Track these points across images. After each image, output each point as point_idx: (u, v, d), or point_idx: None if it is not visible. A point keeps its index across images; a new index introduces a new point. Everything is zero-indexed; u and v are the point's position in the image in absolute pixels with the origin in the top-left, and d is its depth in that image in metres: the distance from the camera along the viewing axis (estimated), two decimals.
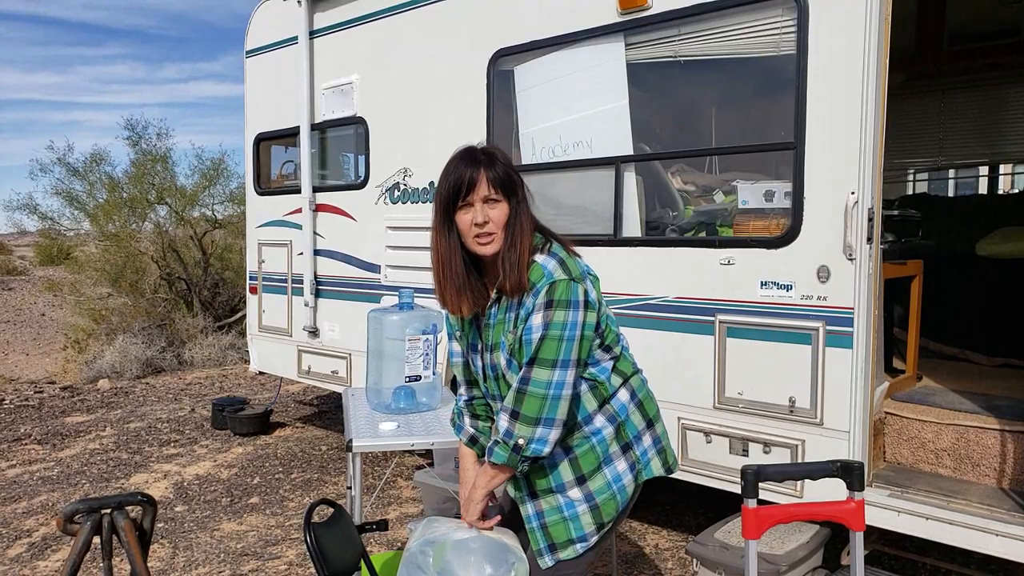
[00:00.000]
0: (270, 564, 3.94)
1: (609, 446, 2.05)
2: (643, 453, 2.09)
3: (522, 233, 1.99)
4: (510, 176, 2.02)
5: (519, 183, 2.05)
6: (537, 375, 1.90)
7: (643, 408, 2.12)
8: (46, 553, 4.14)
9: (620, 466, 2.05)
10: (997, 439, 3.14)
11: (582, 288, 1.94)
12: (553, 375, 1.89)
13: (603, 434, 2.04)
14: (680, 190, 3.81)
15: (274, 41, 5.72)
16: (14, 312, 16.76)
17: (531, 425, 1.90)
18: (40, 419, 7.18)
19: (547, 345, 1.90)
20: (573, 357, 1.91)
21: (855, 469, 1.99)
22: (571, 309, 1.91)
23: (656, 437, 2.13)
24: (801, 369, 3.20)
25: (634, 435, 2.08)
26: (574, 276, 1.95)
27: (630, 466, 2.06)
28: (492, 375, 2.10)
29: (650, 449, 2.10)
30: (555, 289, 1.91)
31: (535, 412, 1.90)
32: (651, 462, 2.10)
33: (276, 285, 5.85)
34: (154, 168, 11.06)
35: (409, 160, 4.80)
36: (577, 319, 1.91)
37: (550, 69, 4.03)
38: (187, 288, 10.98)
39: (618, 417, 2.06)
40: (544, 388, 1.89)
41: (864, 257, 3.04)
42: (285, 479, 5.29)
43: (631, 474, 2.06)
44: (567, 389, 1.91)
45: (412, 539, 2.10)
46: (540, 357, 1.90)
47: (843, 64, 3.05)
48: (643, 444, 2.09)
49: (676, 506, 4.56)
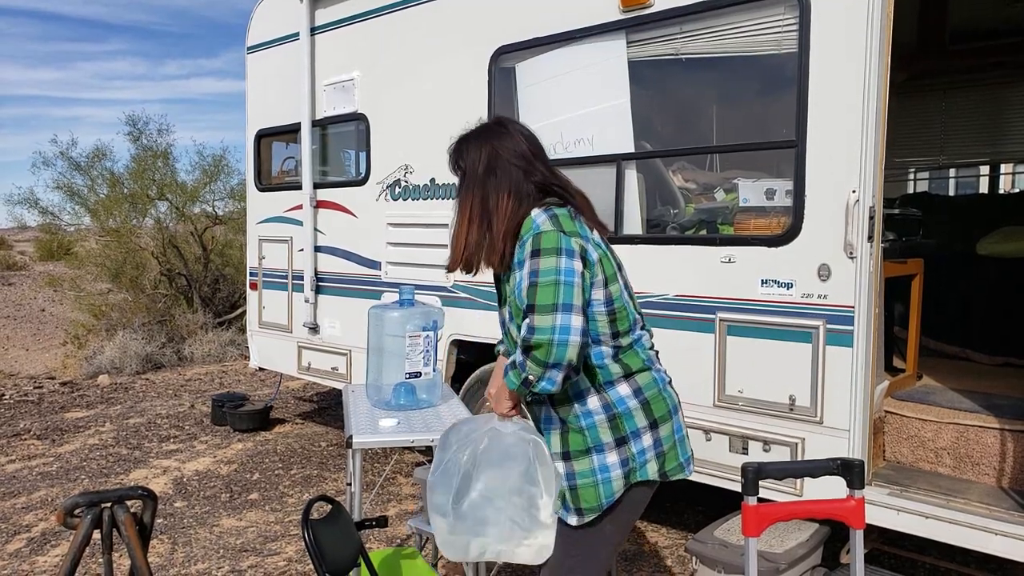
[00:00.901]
0: (269, 560, 3.95)
1: (601, 434, 2.02)
2: (640, 452, 2.03)
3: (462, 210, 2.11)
4: (458, 161, 2.16)
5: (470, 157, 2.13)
6: (539, 322, 1.89)
7: (648, 407, 2.05)
8: (45, 548, 4.14)
9: (611, 458, 2.02)
10: (997, 438, 3.14)
11: (577, 242, 1.95)
12: (556, 320, 1.88)
13: (594, 419, 2.03)
14: (681, 188, 3.81)
15: (275, 37, 5.71)
16: (14, 307, 16.77)
17: (541, 367, 1.90)
18: (40, 414, 7.18)
19: (542, 291, 1.90)
20: (574, 302, 1.90)
21: (855, 467, 1.98)
22: (562, 256, 1.92)
23: (659, 439, 2.05)
24: (801, 367, 3.20)
25: (632, 431, 2.03)
26: (566, 231, 1.96)
27: (622, 461, 2.02)
28: (503, 329, 2.20)
29: (649, 450, 2.04)
30: (540, 239, 1.94)
31: (543, 356, 1.89)
32: (648, 464, 2.03)
33: (276, 281, 5.85)
34: (155, 164, 11.06)
35: (410, 157, 4.79)
36: (571, 266, 1.92)
37: (552, 66, 4.03)
38: (187, 284, 10.98)
39: (614, 408, 2.03)
40: (549, 334, 1.88)
41: (865, 256, 3.04)
42: (285, 475, 5.29)
43: (621, 469, 2.01)
44: (574, 335, 1.88)
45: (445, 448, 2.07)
46: (538, 304, 1.90)
47: (845, 62, 3.04)
48: (642, 443, 2.03)
49: (675, 504, 4.57)
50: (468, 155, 2.15)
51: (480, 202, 2.10)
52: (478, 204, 2.10)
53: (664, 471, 2.06)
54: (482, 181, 2.10)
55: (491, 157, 2.12)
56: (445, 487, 2.01)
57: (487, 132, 2.21)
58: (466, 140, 2.21)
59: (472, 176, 2.12)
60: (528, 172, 2.11)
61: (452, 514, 1.99)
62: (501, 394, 2.07)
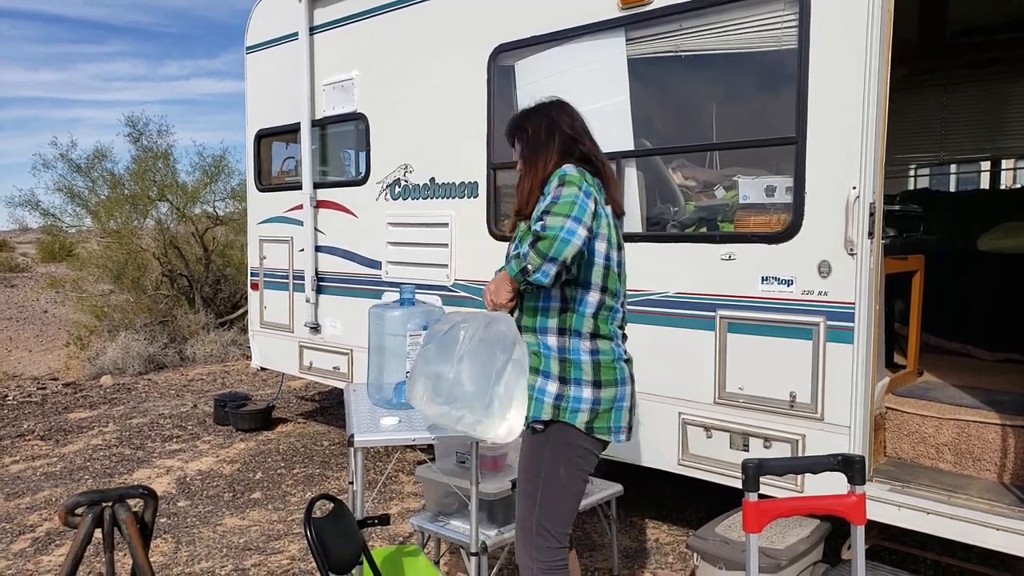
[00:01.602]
0: (272, 559, 3.96)
1: (552, 365, 2.33)
2: (575, 399, 2.31)
3: (527, 171, 2.45)
4: (522, 122, 2.53)
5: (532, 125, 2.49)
6: (552, 221, 2.17)
7: (598, 368, 2.32)
8: (49, 548, 4.15)
9: (550, 387, 2.33)
10: (998, 434, 3.14)
11: (594, 192, 2.28)
12: (566, 223, 2.16)
13: (551, 352, 2.33)
14: (681, 185, 3.81)
15: (274, 37, 5.72)
16: (17, 309, 16.79)
17: (541, 258, 2.17)
18: (43, 415, 7.20)
19: (560, 205, 2.19)
20: (584, 219, 2.19)
21: (856, 462, 1.99)
22: (582, 192, 2.23)
23: (597, 399, 2.32)
24: (802, 364, 3.20)
25: (575, 378, 2.31)
26: (589, 182, 2.29)
27: (556, 396, 2.32)
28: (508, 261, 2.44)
29: (585, 402, 2.31)
30: (566, 177, 2.26)
31: (546, 249, 2.15)
32: (579, 412, 2.31)
33: (277, 281, 5.86)
34: (155, 165, 11.07)
35: (410, 156, 4.80)
36: (587, 201, 2.22)
37: (551, 64, 4.03)
38: (189, 285, 11.00)
39: (568, 353, 2.33)
40: (557, 231, 2.15)
41: (865, 252, 3.04)
42: (287, 474, 5.30)
43: (552, 400, 2.32)
44: (576, 239, 2.16)
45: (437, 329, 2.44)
46: (554, 210, 2.19)
47: (845, 58, 3.04)
48: (580, 392, 2.31)
49: (676, 500, 4.57)
50: (531, 122, 2.51)
51: (541, 162, 2.42)
52: (541, 164, 2.42)
53: (592, 426, 2.32)
54: (544, 142, 2.44)
55: (550, 123, 2.47)
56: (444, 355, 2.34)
57: (548, 105, 2.57)
58: (529, 111, 2.58)
59: (536, 138, 2.47)
60: (576, 140, 2.46)
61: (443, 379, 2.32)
62: (501, 286, 2.35)
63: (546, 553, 2.35)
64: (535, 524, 2.35)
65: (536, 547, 2.36)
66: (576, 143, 2.46)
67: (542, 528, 2.35)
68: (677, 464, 3.62)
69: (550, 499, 2.35)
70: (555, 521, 2.36)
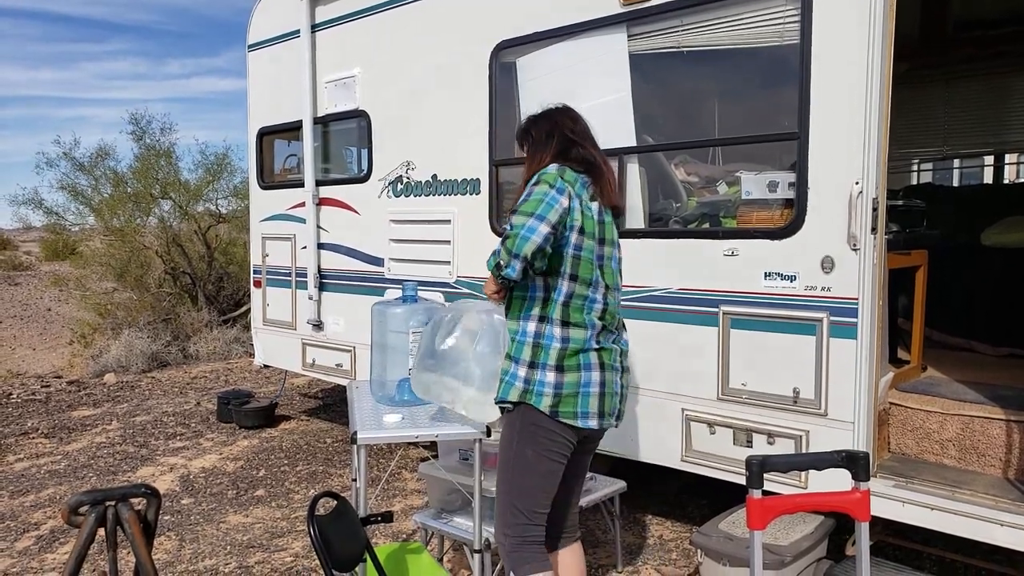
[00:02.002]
0: (276, 556, 3.96)
1: (524, 351, 2.47)
2: (540, 382, 2.43)
3: (527, 170, 2.58)
4: (528, 127, 2.68)
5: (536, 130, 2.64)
6: (516, 220, 2.35)
7: (565, 355, 2.44)
8: (54, 546, 4.16)
9: (520, 372, 2.47)
10: (1002, 429, 3.14)
11: (568, 188, 2.42)
12: (528, 221, 2.32)
13: (526, 340, 2.47)
14: (683, 181, 3.80)
15: (276, 35, 5.71)
16: (21, 307, 16.83)
17: (508, 255, 2.35)
18: (47, 413, 7.21)
19: (528, 204, 2.36)
20: (549, 216, 2.33)
21: (860, 459, 1.98)
22: (553, 189, 2.38)
23: (561, 383, 2.43)
24: (805, 360, 3.19)
25: (543, 363, 2.44)
26: (565, 179, 2.44)
27: (525, 380, 2.45)
28: None
29: (548, 386, 2.43)
30: (543, 176, 2.43)
31: (511, 246, 2.34)
32: (543, 396, 2.43)
33: (280, 279, 5.86)
34: (158, 163, 11.07)
35: (412, 153, 4.79)
36: (558, 197, 2.37)
37: (552, 61, 4.02)
38: (192, 282, 11.01)
39: (541, 340, 2.46)
40: (519, 229, 2.32)
41: (868, 247, 3.03)
42: (291, 472, 5.31)
43: (521, 385, 2.45)
44: (536, 236, 2.31)
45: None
46: (520, 209, 2.37)
47: (847, 53, 3.03)
48: (546, 376, 2.43)
49: (680, 497, 4.57)
50: (536, 126, 2.66)
51: (537, 162, 2.56)
52: (537, 164, 2.56)
53: (556, 411, 2.43)
54: (543, 144, 2.59)
55: (551, 127, 2.61)
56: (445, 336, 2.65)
57: (553, 111, 2.71)
58: (535, 117, 2.71)
59: (537, 141, 2.62)
60: (576, 143, 2.58)
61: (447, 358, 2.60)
62: (490, 280, 2.52)
63: (515, 529, 2.48)
64: (506, 501, 2.50)
65: (507, 523, 2.50)
66: (575, 145, 2.57)
67: (512, 506, 2.49)
68: (680, 460, 3.62)
69: (518, 479, 2.49)
70: (524, 499, 2.48)
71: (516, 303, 2.53)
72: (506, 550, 2.51)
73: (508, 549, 2.50)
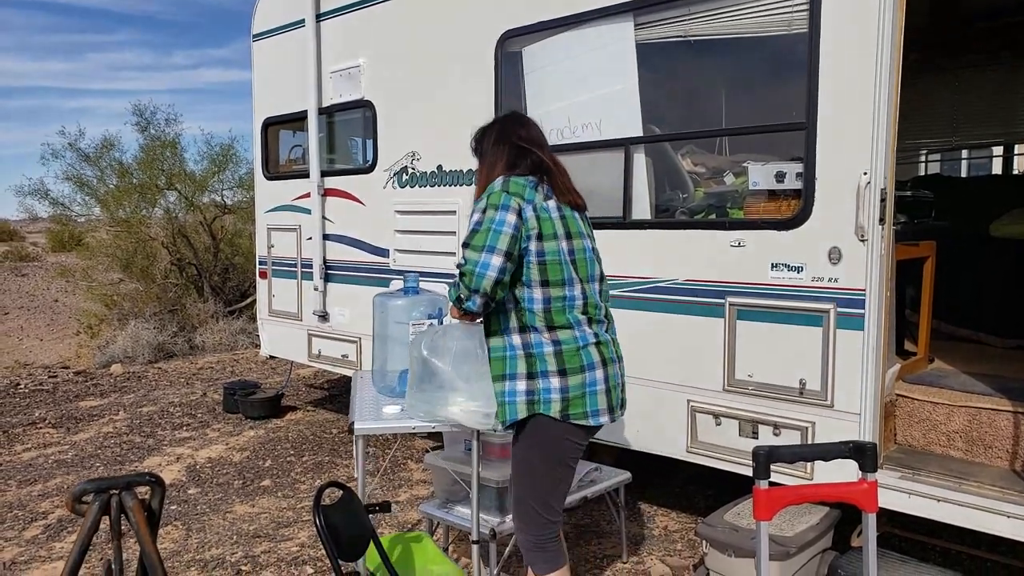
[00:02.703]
0: (282, 546, 3.97)
1: (517, 365, 2.45)
2: (545, 390, 2.41)
3: (478, 178, 2.64)
4: (479, 136, 2.69)
5: (485, 138, 2.65)
6: (469, 255, 2.38)
7: (562, 357, 2.42)
8: (62, 535, 4.18)
9: (520, 386, 2.44)
10: (1010, 421, 3.12)
11: (515, 200, 2.41)
12: (480, 257, 2.36)
13: (516, 353, 2.45)
14: (690, 172, 3.78)
15: (281, 24, 5.70)
16: (28, 298, 16.89)
17: (467, 290, 2.39)
18: (54, 403, 7.25)
19: (478, 235, 2.39)
20: (499, 246, 2.35)
21: (868, 450, 1.97)
22: (500, 210, 2.39)
23: (566, 386, 2.41)
24: (812, 351, 3.18)
25: (541, 371, 2.42)
26: (511, 191, 2.43)
27: (527, 391, 2.43)
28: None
29: (554, 392, 2.41)
30: (490, 197, 2.44)
31: (468, 283, 2.38)
32: (551, 403, 2.41)
33: (286, 270, 5.87)
34: (163, 154, 11.07)
35: (417, 143, 4.78)
36: (505, 218, 2.38)
37: (558, 50, 4.00)
38: (197, 273, 11.02)
39: (531, 348, 2.44)
40: (473, 266, 2.36)
41: (876, 238, 3.01)
42: (297, 462, 5.32)
43: (525, 398, 2.43)
44: (492, 271, 2.34)
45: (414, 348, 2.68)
46: (471, 243, 2.39)
47: (856, 43, 3.00)
48: (549, 383, 2.41)
49: (685, 488, 4.57)
50: (485, 135, 2.68)
51: (487, 169, 2.60)
52: (485, 170, 2.60)
53: (567, 414, 2.42)
54: (490, 152, 2.60)
55: (499, 134, 2.62)
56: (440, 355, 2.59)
57: (502, 118, 2.75)
58: (484, 126, 2.72)
59: (486, 149, 2.63)
60: (527, 149, 2.56)
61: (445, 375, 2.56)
62: (453, 309, 2.55)
63: (535, 528, 2.52)
64: (524, 504, 2.53)
65: (526, 524, 2.53)
66: (526, 153, 2.55)
67: (531, 507, 2.52)
68: (686, 451, 3.61)
69: (536, 484, 2.51)
70: (541, 502, 2.51)
71: (495, 319, 2.52)
72: (527, 548, 2.54)
73: (529, 547, 2.53)
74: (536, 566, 2.52)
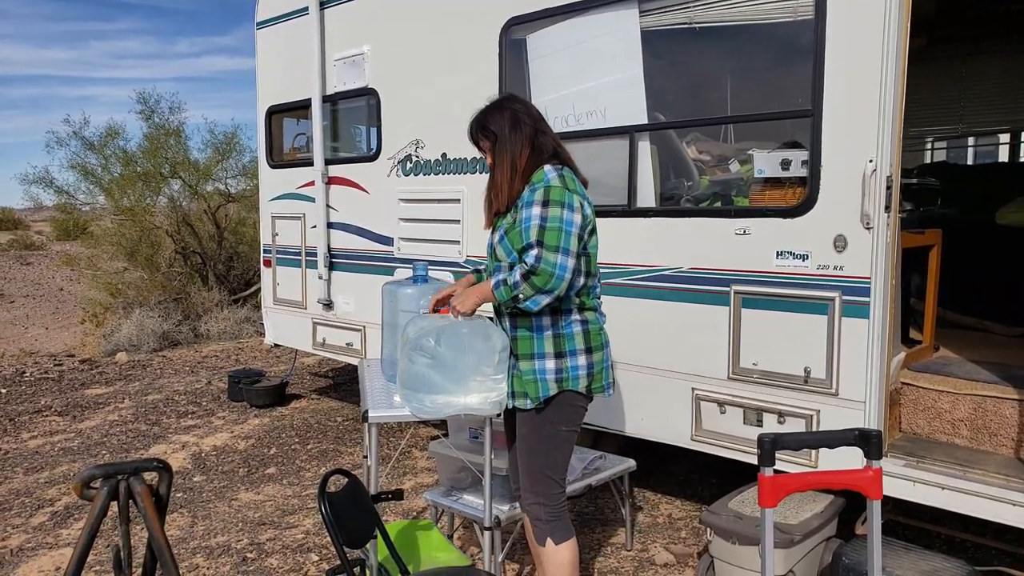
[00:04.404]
0: (287, 533, 4.00)
1: (546, 345, 2.53)
2: (573, 367, 2.53)
3: (498, 165, 2.57)
4: (485, 123, 2.62)
5: (498, 124, 2.58)
6: (547, 256, 2.37)
7: (588, 336, 2.56)
8: (68, 522, 4.21)
9: (548, 364, 2.53)
10: (1015, 409, 3.12)
11: (576, 199, 2.45)
12: (558, 258, 2.37)
13: (544, 334, 2.53)
14: (695, 159, 3.77)
15: (285, 12, 5.67)
16: (33, 287, 16.94)
17: (534, 290, 2.39)
18: (60, 391, 7.28)
19: (549, 233, 2.38)
20: (572, 248, 2.40)
21: (873, 437, 1.97)
22: (566, 209, 2.40)
23: (591, 363, 2.56)
24: (817, 339, 3.18)
25: (570, 350, 2.53)
26: (569, 188, 2.45)
27: (556, 370, 2.53)
28: (490, 252, 2.67)
29: (582, 368, 2.54)
30: (551, 191, 2.43)
31: (540, 283, 2.37)
32: (579, 378, 2.54)
33: (290, 258, 5.87)
34: (167, 142, 11.06)
35: (421, 131, 4.77)
36: (573, 219, 2.41)
37: (563, 37, 3.98)
38: (202, 262, 11.04)
39: (561, 329, 2.53)
40: (552, 267, 2.36)
41: (882, 226, 3.00)
42: (301, 450, 5.34)
43: (555, 375, 2.52)
44: (568, 272, 2.39)
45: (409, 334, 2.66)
46: (547, 243, 2.37)
47: (862, 29, 2.98)
48: (576, 360, 2.53)
49: (689, 476, 4.58)
50: (494, 121, 2.61)
51: (511, 155, 2.55)
52: (510, 157, 2.55)
53: (590, 387, 2.58)
54: (509, 138, 2.56)
55: (512, 117, 2.59)
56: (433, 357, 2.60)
57: (503, 100, 2.71)
58: (487, 111, 2.65)
59: (502, 136, 2.57)
60: (539, 130, 2.59)
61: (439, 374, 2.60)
62: (469, 296, 2.58)
63: (552, 498, 2.60)
64: (541, 475, 2.59)
65: (542, 494, 2.59)
66: (539, 133, 2.59)
67: (548, 477, 2.59)
68: (690, 440, 3.62)
69: (554, 452, 2.60)
70: (558, 470, 2.61)
71: None
72: (546, 520, 2.60)
73: (547, 518, 2.59)
74: (556, 535, 2.59)
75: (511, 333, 2.59)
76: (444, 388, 2.63)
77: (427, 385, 2.64)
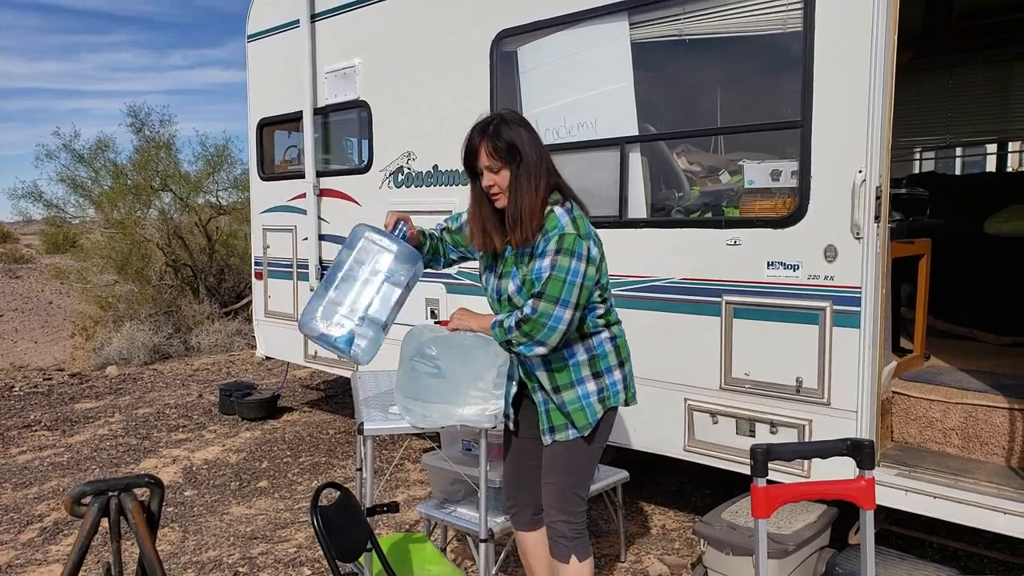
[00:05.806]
0: (279, 547, 3.97)
1: (583, 369, 2.50)
2: (612, 384, 2.54)
3: (522, 194, 2.40)
4: (512, 144, 2.40)
5: (524, 148, 2.40)
6: (543, 308, 2.32)
7: (618, 350, 2.57)
8: (57, 538, 4.17)
9: (590, 387, 2.51)
10: (1006, 417, 3.13)
11: (587, 245, 2.38)
12: (554, 310, 2.32)
13: (578, 359, 2.50)
14: (686, 171, 3.79)
15: (276, 25, 5.69)
16: (22, 300, 16.83)
17: (527, 339, 2.36)
18: (50, 406, 7.22)
19: (552, 284, 2.32)
20: (573, 300, 2.33)
21: (865, 447, 1.98)
22: (575, 259, 2.34)
23: (625, 376, 2.58)
24: (808, 349, 3.19)
25: (606, 367, 2.53)
26: (581, 234, 2.38)
27: (598, 390, 2.51)
28: (495, 297, 2.58)
29: (619, 383, 2.56)
30: (564, 240, 2.35)
31: (534, 333, 2.34)
32: (618, 393, 2.55)
33: (281, 270, 5.86)
34: (158, 155, 11.04)
35: (412, 143, 4.78)
36: (580, 268, 2.34)
37: (553, 49, 4.00)
38: (193, 275, 11.00)
39: (595, 350, 2.52)
40: (546, 319, 2.32)
41: (872, 236, 3.02)
42: (293, 463, 5.31)
43: (598, 395, 2.51)
44: (563, 324, 2.33)
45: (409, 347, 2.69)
46: (547, 293, 2.33)
47: (851, 41, 3.01)
48: (613, 377, 2.54)
49: (682, 487, 4.57)
50: (520, 137, 2.42)
51: (535, 180, 2.40)
52: (534, 182, 2.40)
53: (626, 399, 2.59)
54: (536, 164, 2.42)
55: (534, 143, 2.45)
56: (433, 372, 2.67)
57: (518, 118, 2.51)
58: (509, 125, 2.43)
59: (528, 159, 2.41)
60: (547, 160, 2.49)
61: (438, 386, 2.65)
62: (469, 321, 2.59)
63: (577, 515, 2.58)
64: (569, 491, 2.57)
65: (569, 512, 2.57)
66: (547, 157, 2.50)
67: (576, 495, 2.58)
68: (683, 450, 3.62)
69: (588, 470, 2.62)
70: (584, 486, 2.62)
71: None
72: (571, 538, 2.58)
73: (572, 535, 2.58)
74: (579, 552, 2.58)
75: (543, 368, 2.51)
76: (443, 398, 2.64)
77: (427, 394, 2.64)
